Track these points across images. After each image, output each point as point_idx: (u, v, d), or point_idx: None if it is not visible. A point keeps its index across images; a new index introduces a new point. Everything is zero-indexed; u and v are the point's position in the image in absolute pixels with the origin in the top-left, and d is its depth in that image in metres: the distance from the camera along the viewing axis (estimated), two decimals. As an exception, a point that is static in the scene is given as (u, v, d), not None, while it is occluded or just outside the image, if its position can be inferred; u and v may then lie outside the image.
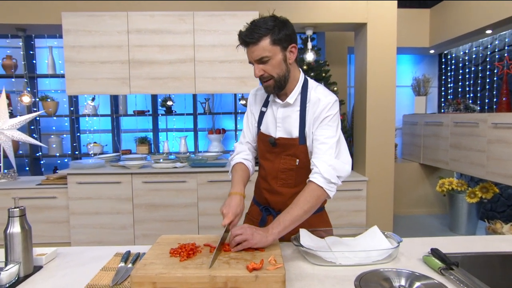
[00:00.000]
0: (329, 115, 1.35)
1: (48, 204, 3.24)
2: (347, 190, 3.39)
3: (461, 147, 3.65)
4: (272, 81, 1.34)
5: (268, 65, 1.31)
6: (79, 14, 3.22)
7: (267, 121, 1.48)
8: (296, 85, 1.40)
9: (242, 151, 1.57)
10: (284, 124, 1.42)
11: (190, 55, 3.28)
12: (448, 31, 4.08)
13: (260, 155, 1.53)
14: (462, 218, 3.83)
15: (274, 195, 1.48)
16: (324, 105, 1.35)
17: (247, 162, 1.54)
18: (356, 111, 3.72)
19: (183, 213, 3.27)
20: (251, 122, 1.56)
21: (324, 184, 1.28)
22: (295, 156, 1.41)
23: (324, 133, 1.34)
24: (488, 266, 1.27)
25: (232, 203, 1.32)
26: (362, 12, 3.36)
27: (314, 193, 1.28)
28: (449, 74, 4.81)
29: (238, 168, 1.50)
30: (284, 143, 1.42)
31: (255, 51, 1.29)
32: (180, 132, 4.27)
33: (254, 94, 1.57)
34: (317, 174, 1.29)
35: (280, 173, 1.45)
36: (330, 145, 1.32)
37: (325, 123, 1.35)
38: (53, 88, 4.26)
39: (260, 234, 1.19)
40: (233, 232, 1.20)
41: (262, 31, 1.27)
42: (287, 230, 1.24)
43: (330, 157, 1.31)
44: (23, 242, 1.13)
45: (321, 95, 1.38)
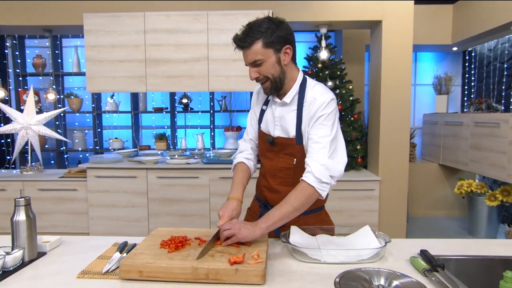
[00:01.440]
0: (324, 113, 1.35)
1: (69, 196, 3.42)
2: (359, 190, 3.36)
3: (481, 148, 3.53)
4: (268, 82, 1.37)
5: (262, 67, 1.34)
6: (100, 15, 3.36)
7: (267, 120, 1.50)
8: (293, 85, 1.42)
9: (244, 150, 1.61)
10: (282, 123, 1.44)
11: (204, 54, 3.35)
12: (472, 27, 3.93)
13: (260, 153, 1.57)
14: (482, 222, 3.70)
15: (272, 193, 1.50)
16: (319, 104, 1.36)
17: (249, 162, 1.58)
18: (371, 110, 3.67)
19: (195, 208, 3.35)
20: (254, 120, 1.60)
21: (315, 183, 1.29)
22: (292, 156, 1.43)
23: (318, 132, 1.34)
24: (479, 270, 1.25)
25: (229, 206, 1.37)
26: (377, 9, 3.31)
27: (305, 191, 1.29)
28: (473, 72, 4.63)
29: (240, 169, 1.54)
30: (282, 142, 1.44)
31: (249, 55, 1.32)
32: (198, 129, 4.36)
33: (257, 91, 1.59)
34: (309, 174, 1.30)
35: (278, 171, 1.47)
36: (323, 144, 1.33)
37: (320, 122, 1.35)
38: (78, 86, 4.47)
39: (248, 228, 1.23)
40: (222, 227, 1.25)
41: (255, 34, 1.30)
42: (276, 225, 1.27)
43: (323, 157, 1.31)
44: (28, 229, 1.23)
45: (317, 94, 1.38)
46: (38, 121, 3.54)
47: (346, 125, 3.65)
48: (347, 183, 3.34)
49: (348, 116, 3.68)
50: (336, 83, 3.68)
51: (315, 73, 3.72)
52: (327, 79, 3.64)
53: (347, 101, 3.63)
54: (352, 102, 3.71)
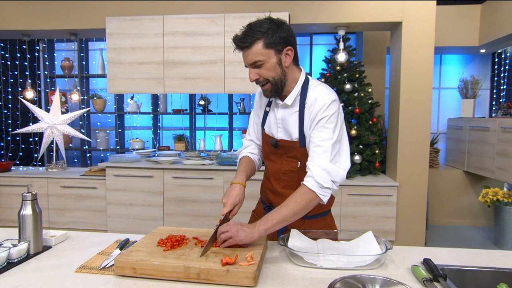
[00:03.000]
0: (325, 116, 1.30)
1: (89, 194, 3.53)
2: (376, 195, 3.27)
3: (508, 155, 3.35)
4: (269, 85, 1.34)
5: (262, 69, 1.31)
6: (121, 18, 3.47)
7: (270, 122, 1.48)
8: (295, 87, 1.38)
9: (248, 146, 1.60)
10: (284, 125, 1.41)
11: (221, 56, 3.38)
12: (501, 28, 3.75)
13: (264, 156, 1.55)
14: (508, 233, 3.51)
15: (276, 196, 1.48)
16: (320, 105, 1.31)
17: (253, 156, 1.57)
18: (390, 114, 3.57)
19: (209, 208, 3.38)
20: (256, 122, 1.58)
21: (316, 188, 1.26)
22: (296, 159, 1.41)
23: (320, 135, 1.30)
24: (485, 282, 1.18)
25: (232, 192, 1.36)
26: (397, 10, 3.22)
27: (305, 196, 1.26)
28: (502, 75, 4.42)
29: (243, 160, 1.54)
30: (285, 145, 1.41)
31: (249, 55, 1.30)
32: (217, 131, 4.41)
33: (260, 93, 1.55)
34: (310, 178, 1.27)
35: (283, 174, 1.45)
36: (325, 148, 1.28)
37: (321, 124, 1.31)
38: (102, 87, 4.63)
39: (246, 231, 1.21)
40: (219, 229, 1.24)
41: (256, 34, 1.27)
42: (274, 228, 1.24)
43: (325, 161, 1.27)
44: (34, 223, 1.28)
45: (318, 95, 1.34)
46: (63, 121, 3.69)
47: (364, 128, 3.57)
48: (364, 188, 3.26)
49: (367, 120, 3.60)
50: (354, 86, 3.60)
51: (333, 75, 3.66)
52: (345, 82, 3.58)
53: (366, 104, 3.55)
54: (371, 106, 3.63)
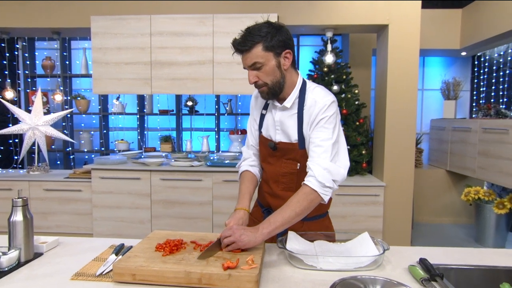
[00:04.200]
0: (325, 116, 1.33)
1: (74, 197, 3.44)
2: (364, 195, 3.32)
3: (489, 155, 3.46)
4: (266, 88, 1.34)
5: (261, 72, 1.31)
6: (107, 17, 3.39)
7: (267, 124, 1.48)
8: (293, 89, 1.40)
9: (248, 157, 1.58)
10: (283, 127, 1.42)
11: (209, 57, 3.36)
12: (481, 32, 3.87)
13: (262, 159, 1.54)
14: (489, 230, 3.62)
15: (275, 199, 1.47)
16: (320, 106, 1.33)
17: (254, 169, 1.56)
18: (376, 115, 3.64)
19: (198, 210, 3.35)
20: (253, 126, 1.57)
21: (318, 188, 1.27)
22: (295, 160, 1.41)
23: (320, 135, 1.32)
24: (480, 280, 1.21)
25: (236, 216, 1.36)
26: (383, 13, 3.28)
27: (308, 196, 1.27)
28: (482, 77, 4.56)
29: (245, 178, 1.52)
30: (284, 147, 1.42)
31: (248, 58, 1.30)
32: (203, 132, 4.37)
33: (255, 96, 1.55)
34: (311, 178, 1.28)
35: (281, 177, 1.45)
36: (325, 148, 1.30)
37: (321, 125, 1.33)
38: (85, 87, 4.52)
39: (249, 235, 1.20)
40: (222, 234, 1.23)
41: (255, 38, 1.28)
42: (277, 231, 1.25)
43: (325, 161, 1.29)
44: (25, 229, 1.23)
45: (318, 97, 1.36)
46: (45, 122, 3.58)
47: (352, 129, 3.62)
48: (352, 188, 3.31)
49: (354, 121, 3.65)
50: (341, 87, 3.65)
51: (320, 76, 3.70)
52: (332, 83, 3.62)
53: (352, 105, 3.60)
54: (358, 107, 3.68)
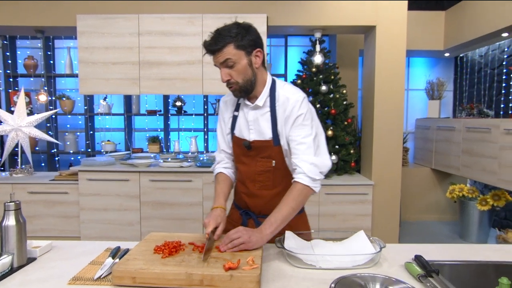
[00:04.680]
0: (301, 113, 1.37)
1: (60, 199, 3.37)
2: (352, 194, 3.36)
3: (473, 153, 3.56)
4: (237, 86, 1.36)
5: (233, 70, 1.33)
6: (93, 16, 3.33)
7: (240, 125, 1.48)
8: (264, 88, 1.42)
9: (221, 160, 1.59)
10: (256, 126, 1.44)
11: (198, 57, 3.34)
12: (464, 33, 3.98)
13: (236, 160, 1.54)
14: (473, 226, 3.73)
15: (253, 198, 1.49)
16: (293, 103, 1.37)
17: (228, 170, 1.57)
18: (364, 115, 3.69)
19: (188, 211, 3.33)
20: (224, 130, 1.57)
21: (309, 183, 1.33)
22: (270, 158, 1.43)
23: (300, 133, 1.37)
24: (474, 275, 1.25)
25: (213, 214, 1.37)
26: (371, 14, 3.33)
27: (301, 192, 1.33)
28: (464, 77, 4.69)
29: (220, 179, 1.54)
30: (259, 145, 1.43)
31: (220, 56, 1.31)
32: (191, 132, 4.34)
33: (224, 100, 1.56)
34: (301, 174, 1.33)
35: (258, 175, 1.46)
36: (308, 144, 1.36)
37: (299, 122, 1.37)
38: (70, 87, 4.43)
39: (256, 236, 1.23)
40: (230, 235, 1.23)
41: (226, 39, 1.30)
42: (279, 229, 1.29)
43: (310, 156, 1.35)
44: (17, 234, 1.20)
45: (289, 94, 1.40)
46: (29, 123, 3.49)
47: (340, 129, 3.66)
48: (341, 187, 3.35)
49: (342, 121, 3.70)
50: (330, 87, 3.69)
51: (309, 77, 3.73)
52: (321, 83, 3.66)
53: (340, 105, 3.64)
54: (346, 107, 3.73)
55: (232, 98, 1.53)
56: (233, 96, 1.48)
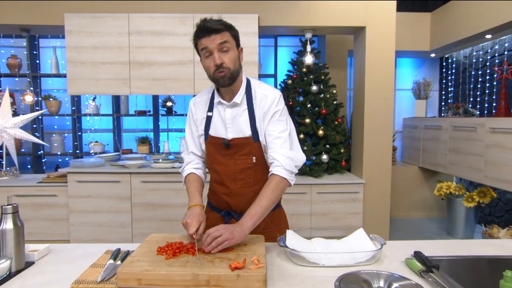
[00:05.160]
0: (278, 110, 1.43)
1: (48, 202, 3.29)
2: (344, 193, 3.40)
3: (459, 151, 3.66)
4: (228, 72, 1.36)
5: (227, 56, 1.35)
6: (82, 15, 3.27)
7: (215, 124, 1.47)
8: (241, 85, 1.46)
9: (191, 161, 1.56)
10: (234, 124, 1.44)
11: (190, 57, 3.32)
12: (449, 35, 4.08)
13: (211, 160, 1.51)
14: (459, 222, 3.83)
15: (234, 198, 1.48)
16: (271, 100, 1.42)
17: (198, 171, 1.55)
18: (354, 115, 3.74)
19: (181, 212, 3.30)
20: (194, 132, 1.55)
21: (287, 175, 1.37)
22: (251, 154, 1.44)
23: (277, 127, 1.42)
24: (471, 269, 1.29)
25: (194, 212, 1.34)
26: (361, 15, 3.38)
27: (279, 184, 1.36)
28: (449, 78, 4.81)
29: (192, 179, 1.51)
30: (238, 143, 1.44)
31: (218, 38, 1.32)
32: (181, 133, 4.31)
33: (195, 102, 1.55)
34: (279, 167, 1.37)
35: (238, 173, 1.46)
36: (284, 138, 1.41)
37: (276, 118, 1.42)
38: (56, 88, 4.33)
39: (238, 230, 1.22)
40: (212, 235, 1.20)
41: (225, 24, 1.35)
42: (259, 221, 1.31)
43: (286, 150, 1.40)
44: (15, 238, 1.17)
45: (267, 91, 1.45)
46: (14, 124, 3.40)
47: (331, 129, 3.70)
48: (332, 186, 3.38)
49: (332, 120, 3.73)
50: (320, 87, 3.72)
51: (299, 77, 3.75)
52: (311, 84, 3.69)
53: (331, 105, 3.68)
54: (336, 106, 3.77)
55: (203, 99, 1.53)
56: (204, 97, 1.51)
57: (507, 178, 2.99)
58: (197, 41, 1.37)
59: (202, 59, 1.39)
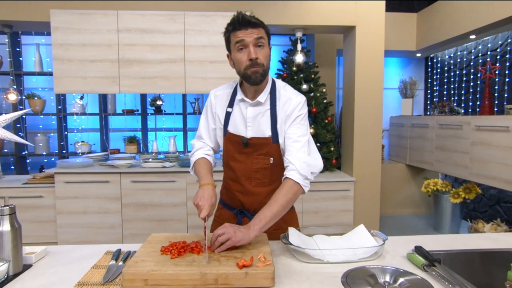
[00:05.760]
0: (301, 114, 1.42)
1: (34, 204, 3.20)
2: (335, 190, 3.44)
3: (445, 149, 3.74)
4: (261, 68, 1.34)
5: (261, 52, 1.34)
6: (68, 12, 3.19)
7: (235, 121, 1.45)
8: (266, 85, 1.44)
9: (202, 147, 1.54)
10: (255, 123, 1.43)
11: (181, 55, 3.29)
12: (435, 35, 4.17)
13: (228, 157, 1.49)
14: (446, 218, 3.92)
15: (248, 196, 1.47)
16: (295, 104, 1.41)
17: (209, 157, 1.53)
18: (344, 113, 3.78)
19: (172, 212, 3.27)
20: (211, 126, 1.52)
21: (300, 180, 1.33)
22: (268, 155, 1.43)
23: (297, 131, 1.40)
24: (469, 263, 1.32)
25: (206, 194, 1.29)
26: (351, 15, 3.42)
27: (292, 189, 1.32)
28: (435, 77, 4.92)
29: (202, 162, 1.48)
30: (257, 142, 1.43)
31: (255, 32, 1.32)
32: (169, 132, 4.26)
33: (216, 94, 1.51)
34: (293, 171, 1.33)
35: (254, 173, 1.45)
36: (302, 143, 1.38)
37: (297, 121, 1.41)
38: (40, 86, 4.21)
39: (242, 231, 1.20)
40: (215, 233, 1.20)
41: (260, 21, 1.36)
42: (268, 225, 1.27)
43: (304, 155, 1.37)
44: (13, 240, 1.13)
45: (292, 95, 1.44)
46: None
47: (321, 127, 3.73)
48: (323, 184, 3.41)
49: (322, 119, 3.77)
50: (310, 86, 3.75)
51: (289, 76, 3.77)
52: (302, 82, 3.71)
53: (321, 104, 3.71)
54: (326, 105, 3.80)
55: (225, 93, 1.49)
56: (226, 91, 1.48)
57: (492, 174, 3.09)
58: (230, 33, 1.35)
59: (233, 52, 1.36)
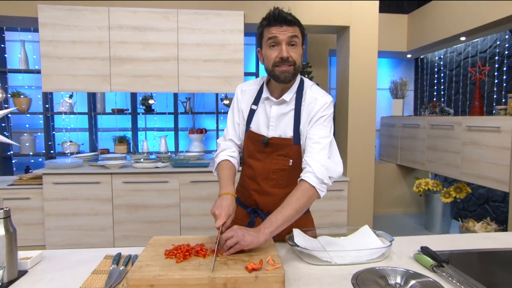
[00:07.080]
0: (325, 115, 1.35)
1: (20, 206, 3.10)
2: (329, 191, 3.40)
3: (437, 149, 3.79)
4: (293, 68, 1.31)
5: (294, 51, 1.31)
6: (57, 7, 3.09)
7: (258, 120, 1.43)
8: (294, 83, 1.39)
9: (227, 148, 1.50)
10: (278, 123, 1.39)
11: (174, 53, 3.23)
12: (425, 36, 4.22)
13: (248, 155, 1.47)
14: (437, 217, 3.97)
15: (264, 196, 1.44)
16: (321, 104, 1.35)
17: (233, 160, 1.49)
18: (338, 113, 3.79)
19: (165, 213, 3.20)
20: (236, 120, 1.49)
21: (316, 184, 1.27)
22: (288, 157, 1.39)
23: (319, 132, 1.33)
24: (473, 262, 1.32)
25: (224, 203, 1.26)
26: (345, 15, 3.42)
27: (306, 192, 1.26)
28: (425, 78, 4.98)
29: (225, 166, 1.44)
30: (277, 143, 1.39)
31: (289, 30, 1.29)
32: (160, 132, 4.19)
33: (243, 90, 1.49)
34: (310, 174, 1.27)
35: (272, 173, 1.42)
36: (323, 145, 1.32)
37: (320, 122, 1.35)
38: (26, 84, 4.08)
39: (252, 235, 1.16)
40: (224, 236, 1.16)
41: (296, 19, 1.32)
42: (279, 230, 1.21)
43: (324, 157, 1.30)
44: (8, 245, 1.07)
45: (318, 95, 1.38)
46: (-18, 123, 3.17)
47: (314, 127, 3.72)
48: (318, 184, 3.40)
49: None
50: (304, 86, 3.74)
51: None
52: (295, 82, 3.69)
53: (315, 103, 3.70)
54: (320, 105, 3.80)
55: (252, 89, 1.46)
56: (252, 87, 1.45)
57: (483, 174, 3.13)
58: (264, 28, 1.32)
59: (264, 48, 1.34)
